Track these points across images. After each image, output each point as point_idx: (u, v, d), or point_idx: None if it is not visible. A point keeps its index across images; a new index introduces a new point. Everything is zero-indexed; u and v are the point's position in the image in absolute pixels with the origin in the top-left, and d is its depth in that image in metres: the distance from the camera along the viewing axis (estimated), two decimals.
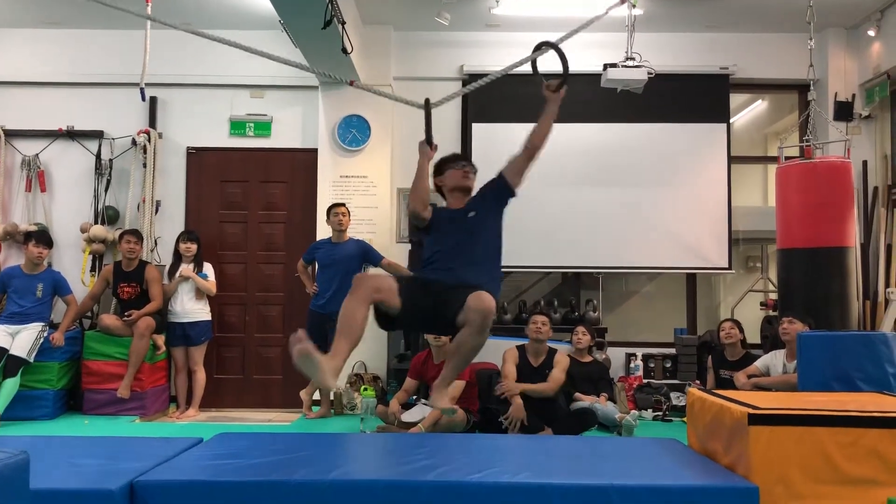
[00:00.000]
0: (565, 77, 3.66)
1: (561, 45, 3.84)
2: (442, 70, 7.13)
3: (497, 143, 7.07)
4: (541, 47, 3.86)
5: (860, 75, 6.97)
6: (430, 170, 3.81)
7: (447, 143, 7.19)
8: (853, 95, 6.96)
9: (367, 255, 6.22)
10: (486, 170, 7.29)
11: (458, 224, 3.65)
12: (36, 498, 2.54)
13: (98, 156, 7.03)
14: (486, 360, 6.07)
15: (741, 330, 6.07)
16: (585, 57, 6.33)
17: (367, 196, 6.91)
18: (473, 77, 7.14)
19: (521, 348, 5.65)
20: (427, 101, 3.81)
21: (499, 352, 5.79)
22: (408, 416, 5.25)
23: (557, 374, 5.52)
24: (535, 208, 7.01)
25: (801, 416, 3.08)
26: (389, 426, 5.33)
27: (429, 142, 3.80)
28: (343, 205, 6.30)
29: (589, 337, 6.16)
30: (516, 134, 7.18)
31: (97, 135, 7.06)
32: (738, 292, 7.44)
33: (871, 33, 6.68)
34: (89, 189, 7.03)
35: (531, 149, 3.78)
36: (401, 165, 7.18)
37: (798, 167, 5.98)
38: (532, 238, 6.99)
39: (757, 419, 3.08)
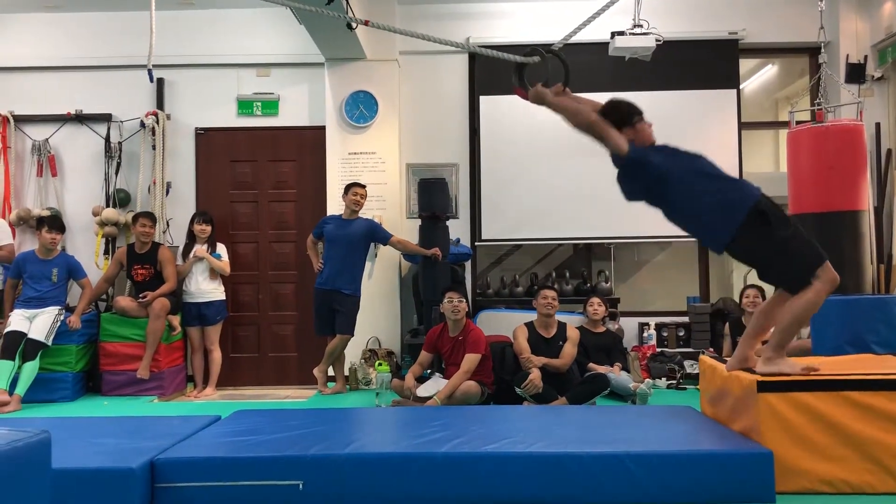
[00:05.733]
0: (567, 79, 3.67)
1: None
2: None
3: (504, 115, 7.06)
4: (533, 54, 3.75)
5: (872, 36, 6.86)
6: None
7: (454, 117, 7.21)
8: (865, 57, 6.86)
9: (374, 234, 6.23)
10: (494, 143, 7.31)
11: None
12: (58, 477, 2.59)
13: (107, 139, 7.05)
14: (500, 332, 6.10)
15: (764, 297, 6.05)
16: (592, 25, 6.28)
17: (376, 172, 6.90)
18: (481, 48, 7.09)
19: (529, 324, 5.67)
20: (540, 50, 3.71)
21: (512, 324, 5.81)
22: (423, 391, 5.28)
23: (570, 349, 5.55)
24: (545, 180, 6.99)
25: (810, 381, 3.09)
26: (405, 400, 5.37)
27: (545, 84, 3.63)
28: (364, 186, 6.28)
29: (604, 308, 6.18)
30: (523, 106, 7.17)
31: (105, 118, 7.07)
32: None
33: None
34: (100, 172, 7.06)
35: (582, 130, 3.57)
36: (409, 141, 7.17)
37: (809, 131, 5.90)
38: (543, 210, 6.98)
39: (766, 386, 3.08)
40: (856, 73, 6.77)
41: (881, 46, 6.77)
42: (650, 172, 3.45)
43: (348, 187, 6.25)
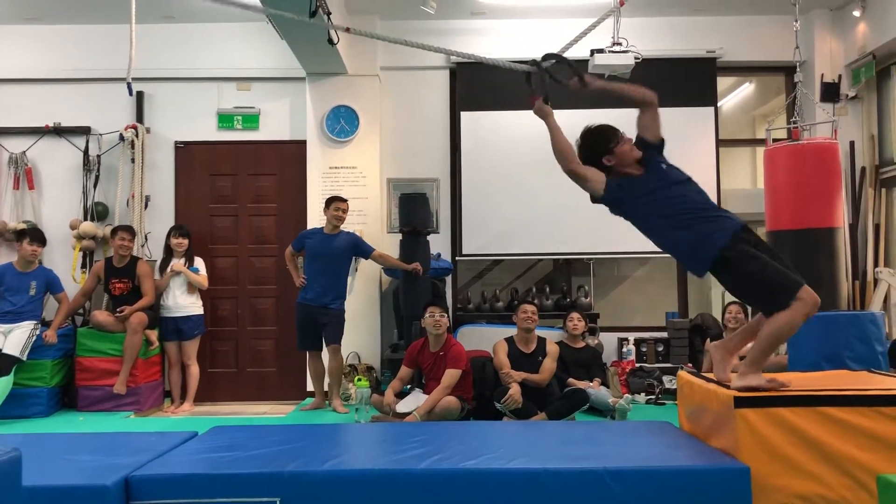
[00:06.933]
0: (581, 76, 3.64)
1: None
2: (429, 59, 7.09)
3: (485, 130, 7.09)
4: (545, 59, 3.75)
5: (846, 56, 6.98)
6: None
7: (435, 132, 7.23)
8: (839, 76, 6.97)
9: (358, 248, 6.22)
10: (475, 158, 7.33)
11: (666, 178, 3.46)
12: (30, 495, 2.56)
13: (86, 152, 7.00)
14: (480, 347, 6.10)
15: (746, 313, 6.09)
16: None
17: (356, 187, 6.90)
18: (462, 66, 7.14)
19: (509, 339, 5.68)
20: (535, 61, 3.70)
21: (492, 339, 5.81)
22: (402, 406, 5.26)
23: (549, 365, 5.57)
24: (524, 196, 7.02)
25: (786, 397, 3.11)
26: (384, 416, 5.34)
27: (545, 100, 3.61)
28: (345, 200, 6.25)
29: (584, 323, 6.20)
30: (504, 121, 7.26)
31: (84, 131, 7.03)
32: None
33: (856, 14, 6.69)
34: (78, 185, 7.01)
35: (641, 107, 3.61)
36: (390, 155, 7.18)
37: (786, 149, 5.98)
38: (523, 225, 7.01)
39: (743, 402, 3.11)
40: (830, 92, 6.88)
41: (855, 66, 6.89)
42: (625, 210, 3.56)
43: (330, 201, 6.22)
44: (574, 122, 3.70)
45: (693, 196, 3.43)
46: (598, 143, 3.52)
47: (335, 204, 6.18)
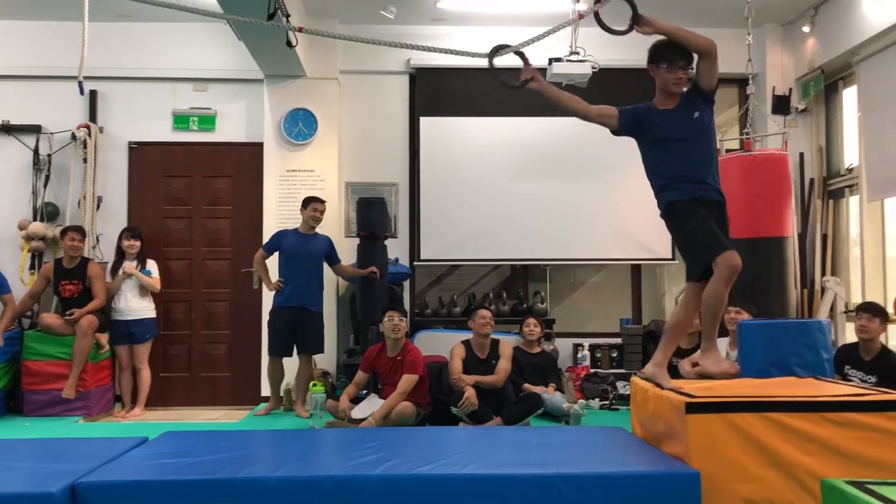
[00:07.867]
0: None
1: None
2: (388, 64, 7.11)
3: (445, 136, 7.11)
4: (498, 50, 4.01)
5: (796, 70, 7.16)
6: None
7: (394, 137, 7.23)
8: (790, 90, 7.14)
9: (330, 253, 6.17)
10: (434, 163, 7.33)
11: (686, 126, 3.67)
12: None
13: (36, 151, 6.84)
14: (437, 353, 6.10)
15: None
16: (530, 51, 6.39)
17: (314, 190, 6.83)
18: (421, 72, 7.16)
19: (466, 343, 5.70)
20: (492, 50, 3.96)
21: (449, 344, 5.83)
22: (358, 412, 5.23)
23: (504, 365, 5.60)
24: (482, 202, 7.06)
25: (736, 402, 3.17)
26: (339, 421, 5.31)
27: (515, 87, 3.86)
28: (324, 202, 6.19)
29: (540, 328, 6.24)
30: (463, 127, 7.29)
31: (35, 129, 6.86)
32: (681, 282, 7.57)
33: (806, 29, 6.86)
34: (27, 185, 6.84)
35: (700, 55, 3.81)
36: (349, 159, 7.15)
37: (738, 159, 6.10)
38: (480, 231, 7.03)
39: (694, 407, 3.16)
40: (781, 105, 7.03)
41: (804, 80, 7.06)
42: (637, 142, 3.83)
43: (307, 201, 6.14)
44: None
45: (696, 156, 3.63)
46: (661, 52, 3.75)
47: (313, 205, 6.12)
